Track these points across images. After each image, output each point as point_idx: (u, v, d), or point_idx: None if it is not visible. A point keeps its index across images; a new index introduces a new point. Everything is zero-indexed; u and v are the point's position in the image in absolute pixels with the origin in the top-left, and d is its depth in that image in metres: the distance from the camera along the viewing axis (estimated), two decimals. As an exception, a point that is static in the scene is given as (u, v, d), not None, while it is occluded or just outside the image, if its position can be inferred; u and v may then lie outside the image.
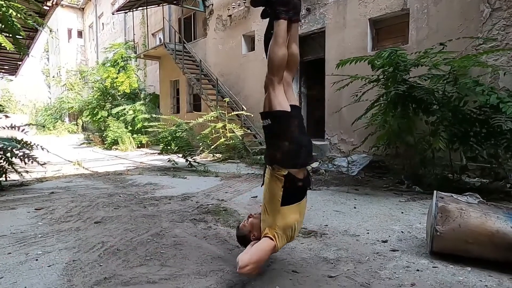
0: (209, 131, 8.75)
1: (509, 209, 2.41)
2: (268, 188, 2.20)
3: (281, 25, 2.14)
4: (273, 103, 2.15)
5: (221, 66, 11.19)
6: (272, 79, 2.15)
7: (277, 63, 2.13)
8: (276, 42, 2.12)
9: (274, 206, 2.15)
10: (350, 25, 7.31)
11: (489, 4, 5.29)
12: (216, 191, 5.16)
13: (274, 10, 2.16)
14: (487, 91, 4.00)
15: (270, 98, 2.17)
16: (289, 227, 2.16)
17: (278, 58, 2.12)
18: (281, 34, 2.12)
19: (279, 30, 2.13)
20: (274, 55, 2.12)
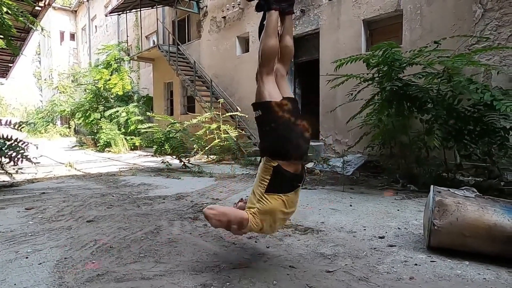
0: (203, 132, 8.70)
1: (506, 202, 2.41)
2: (259, 174, 2.18)
3: (272, 16, 2.14)
4: (263, 94, 2.13)
5: (215, 68, 11.17)
6: (262, 70, 2.14)
7: (266, 53, 2.12)
8: (267, 32, 2.11)
9: (260, 191, 2.12)
10: (344, 26, 7.35)
11: (481, 4, 5.36)
12: (210, 191, 5.11)
13: (265, 1, 2.15)
14: (481, 89, 4.02)
15: (259, 88, 2.15)
16: (268, 214, 2.10)
17: (268, 48, 2.11)
18: (272, 25, 2.11)
19: (270, 21, 2.12)
20: (264, 45, 2.11)
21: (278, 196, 2.10)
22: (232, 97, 10.22)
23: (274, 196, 2.09)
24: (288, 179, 2.11)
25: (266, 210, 2.09)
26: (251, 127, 9.75)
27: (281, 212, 2.13)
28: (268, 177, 2.09)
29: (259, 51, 2.16)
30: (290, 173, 2.11)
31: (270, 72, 2.16)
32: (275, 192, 2.09)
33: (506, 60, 5.11)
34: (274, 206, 2.10)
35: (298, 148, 2.11)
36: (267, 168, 2.11)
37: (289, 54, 2.33)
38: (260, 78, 2.15)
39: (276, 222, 2.16)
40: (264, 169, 2.13)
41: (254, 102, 2.18)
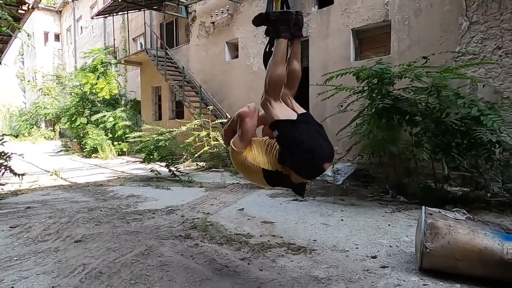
0: (192, 139, 8.62)
1: (495, 225, 2.45)
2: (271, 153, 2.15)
3: (281, 44, 2.11)
4: (275, 115, 2.08)
5: (204, 73, 11.10)
6: (269, 99, 2.10)
7: (274, 81, 2.09)
8: (275, 61, 2.08)
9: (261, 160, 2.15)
10: (333, 35, 7.39)
11: (467, 17, 5.46)
12: (201, 204, 5.06)
13: (275, 29, 2.12)
14: (468, 104, 4.09)
15: (270, 112, 2.11)
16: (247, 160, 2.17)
17: (275, 77, 2.08)
18: (280, 53, 2.09)
19: (278, 49, 2.09)
20: (271, 74, 2.08)
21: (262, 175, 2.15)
22: (221, 103, 10.17)
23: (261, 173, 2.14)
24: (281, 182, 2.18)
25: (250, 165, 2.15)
26: (241, 134, 9.71)
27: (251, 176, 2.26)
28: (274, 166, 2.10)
29: (265, 79, 2.12)
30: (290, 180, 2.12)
31: (277, 99, 2.13)
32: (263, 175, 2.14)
33: (491, 72, 5.22)
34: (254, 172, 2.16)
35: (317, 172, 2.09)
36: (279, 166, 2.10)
37: (297, 78, 2.30)
38: (268, 105, 2.11)
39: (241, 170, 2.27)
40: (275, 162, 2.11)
41: (270, 123, 2.14)
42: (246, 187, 6.26)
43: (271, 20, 2.16)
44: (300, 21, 2.26)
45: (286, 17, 2.14)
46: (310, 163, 2.00)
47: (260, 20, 2.24)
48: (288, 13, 2.17)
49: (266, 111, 2.15)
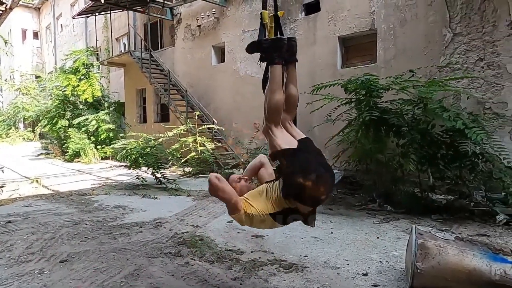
0: (179, 145, 8.52)
1: (483, 245, 2.51)
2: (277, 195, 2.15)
3: (276, 70, 2.12)
4: (277, 144, 2.11)
5: (190, 77, 10.97)
6: (270, 126, 2.14)
7: (273, 108, 2.11)
8: (271, 88, 2.09)
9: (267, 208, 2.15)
10: (320, 42, 7.43)
11: (451, 29, 5.58)
12: (189, 215, 4.99)
13: (268, 56, 2.12)
14: (453, 117, 4.19)
15: (272, 141, 2.15)
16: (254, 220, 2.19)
17: (274, 104, 2.10)
18: (276, 80, 2.10)
19: (274, 76, 2.09)
20: (269, 101, 2.10)
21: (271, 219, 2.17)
22: (207, 107, 10.08)
23: (270, 217, 2.16)
24: (292, 217, 2.19)
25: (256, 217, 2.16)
26: (228, 139, 9.67)
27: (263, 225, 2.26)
28: (279, 206, 2.13)
29: (264, 105, 2.13)
30: (299, 212, 2.15)
31: (277, 125, 2.16)
32: (273, 219, 2.16)
33: (474, 83, 5.36)
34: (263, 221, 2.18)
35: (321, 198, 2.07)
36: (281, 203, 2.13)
37: (294, 103, 2.32)
38: (270, 132, 2.14)
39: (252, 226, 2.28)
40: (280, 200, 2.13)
41: (271, 153, 2.16)
42: (234, 196, 6.21)
43: (264, 48, 2.17)
44: (293, 47, 2.27)
45: (278, 44, 2.15)
46: (313, 190, 2.01)
47: (252, 47, 2.25)
48: (280, 40, 2.18)
49: (268, 138, 2.16)
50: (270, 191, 2.19)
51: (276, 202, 2.13)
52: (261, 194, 2.20)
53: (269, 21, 2.44)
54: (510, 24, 4.99)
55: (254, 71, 8.97)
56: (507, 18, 5.02)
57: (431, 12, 5.80)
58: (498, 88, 5.13)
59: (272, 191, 2.18)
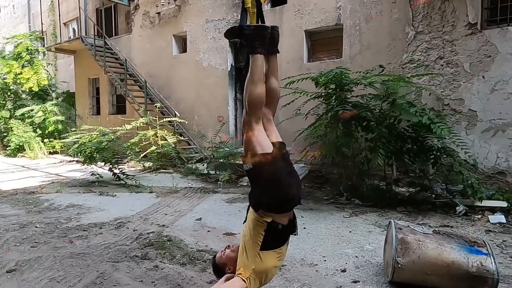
0: (138, 139, 8.04)
1: (459, 237, 2.57)
2: (250, 228, 2.03)
3: (258, 61, 1.95)
4: (253, 145, 1.96)
5: (149, 67, 10.40)
6: (250, 120, 1.97)
7: (253, 102, 1.94)
8: (252, 79, 1.92)
9: (253, 249, 2.00)
10: (286, 35, 7.34)
11: (413, 27, 5.76)
12: (154, 213, 4.69)
13: (250, 44, 1.94)
14: (419, 112, 4.31)
15: (249, 139, 1.98)
16: (264, 272, 2.03)
17: (255, 98, 1.93)
18: (257, 71, 1.92)
19: (255, 66, 1.92)
20: (250, 94, 1.92)
21: (273, 252, 2.01)
22: (168, 99, 9.62)
23: (269, 253, 2.00)
24: (283, 232, 2.05)
25: (264, 270, 2.00)
26: (191, 133, 9.33)
27: (275, 268, 2.09)
28: (262, 233, 1.97)
29: (244, 98, 1.96)
30: (284, 225, 2.03)
31: (258, 121, 2.00)
32: (270, 248, 2.00)
33: (434, 80, 5.59)
34: (271, 264, 2.02)
35: (294, 198, 2.01)
36: (259, 223, 1.98)
37: (276, 96, 2.17)
38: (248, 128, 1.98)
39: (270, 276, 2.10)
40: (256, 225, 1.99)
41: (245, 153, 2.00)
42: (200, 192, 5.99)
43: (246, 35, 1.99)
44: (276, 37, 2.12)
45: (261, 32, 1.99)
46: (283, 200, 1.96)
47: (232, 33, 2.06)
48: (264, 28, 2.02)
49: (245, 132, 2.00)
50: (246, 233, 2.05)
51: (256, 229, 1.98)
52: (243, 248, 2.04)
53: (251, 6, 2.26)
54: (468, 25, 5.25)
55: (218, 62, 8.71)
56: (465, 19, 5.27)
57: (395, 9, 5.95)
58: (456, 85, 5.39)
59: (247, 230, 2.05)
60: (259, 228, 1.99)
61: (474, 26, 5.20)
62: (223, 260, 2.32)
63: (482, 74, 5.15)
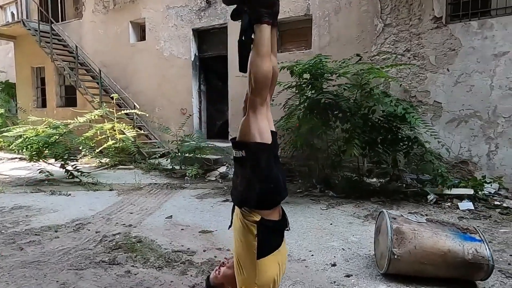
0: (93, 132, 7.37)
1: (451, 225, 2.53)
2: (240, 237, 1.76)
3: (264, 31, 1.67)
4: (252, 132, 1.70)
5: (103, 55, 9.61)
6: (255, 100, 1.69)
7: (261, 80, 1.66)
8: (259, 53, 1.64)
9: (249, 260, 1.73)
10: (253, 24, 7.11)
11: (381, 19, 5.82)
12: (117, 212, 4.25)
13: (255, 12, 1.66)
14: (394, 102, 4.32)
15: (249, 123, 1.71)
16: (270, 283, 1.76)
17: (263, 74, 1.66)
18: (265, 43, 1.65)
19: (262, 38, 1.65)
20: (258, 70, 1.65)
21: (273, 256, 1.75)
22: (125, 89, 8.95)
23: (269, 258, 1.73)
24: (276, 229, 1.81)
25: (268, 280, 1.73)
26: (151, 126, 8.78)
27: (280, 271, 1.80)
28: (254, 238, 1.70)
29: (250, 76, 1.68)
30: (275, 221, 1.79)
31: (263, 103, 1.73)
32: (267, 253, 1.73)
33: (401, 73, 5.69)
34: (274, 270, 1.75)
35: (283, 190, 1.82)
36: (248, 226, 1.71)
37: (275, 76, 1.91)
38: (251, 110, 1.70)
39: (277, 283, 1.81)
40: (244, 230, 1.73)
41: (237, 139, 1.73)
42: (166, 188, 5.59)
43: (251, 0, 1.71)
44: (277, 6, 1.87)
45: None
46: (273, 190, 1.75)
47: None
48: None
49: (246, 115, 1.73)
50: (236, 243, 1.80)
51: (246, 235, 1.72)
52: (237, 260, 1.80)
53: None
54: (434, 19, 5.39)
55: (181, 52, 8.25)
56: (431, 13, 5.41)
57: (364, 1, 5.96)
58: (422, 77, 5.53)
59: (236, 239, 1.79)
60: (249, 233, 1.72)
61: (439, 20, 5.35)
62: (219, 280, 2.04)
63: (447, 67, 5.32)
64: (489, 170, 5.08)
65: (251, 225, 1.69)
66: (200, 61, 8.30)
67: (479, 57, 5.09)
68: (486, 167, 5.12)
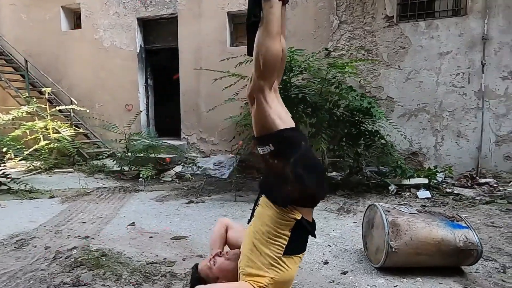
0: (22, 131, 6.39)
1: (439, 214, 2.59)
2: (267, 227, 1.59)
3: (275, 8, 1.48)
4: (271, 119, 1.51)
5: (29, 44, 8.38)
6: (263, 86, 1.51)
7: (270, 62, 1.49)
8: (269, 32, 1.46)
9: (273, 253, 1.57)
10: (206, 16, 6.78)
11: (337, 16, 5.93)
12: (66, 223, 3.68)
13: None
14: (359, 97, 4.40)
15: (264, 111, 1.51)
16: (287, 282, 1.64)
17: (273, 55, 1.48)
18: (276, 21, 1.47)
19: (272, 15, 1.46)
20: (267, 51, 1.46)
21: (297, 258, 1.62)
22: (58, 83, 7.92)
23: (294, 258, 1.60)
24: (309, 232, 1.66)
25: (286, 280, 1.59)
26: (90, 124, 7.92)
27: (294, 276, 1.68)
28: (287, 234, 1.56)
29: (258, 58, 1.47)
30: (310, 223, 1.65)
31: (271, 88, 1.54)
32: (295, 253, 1.60)
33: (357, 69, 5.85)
34: (293, 272, 1.62)
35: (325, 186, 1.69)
36: (285, 221, 1.55)
37: (284, 59, 1.72)
38: (261, 97, 1.51)
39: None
40: (278, 223, 1.56)
41: (259, 135, 1.51)
42: (119, 191, 5.05)
43: None
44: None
45: None
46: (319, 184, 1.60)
47: None
48: None
49: (256, 103, 1.53)
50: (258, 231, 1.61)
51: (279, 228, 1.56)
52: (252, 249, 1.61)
53: None
54: (386, 18, 5.64)
55: (124, 42, 7.56)
56: (383, 12, 5.65)
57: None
58: (376, 74, 5.77)
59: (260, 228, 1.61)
60: (283, 227, 1.57)
61: (391, 19, 5.62)
62: (214, 272, 1.81)
63: (398, 64, 5.62)
64: (436, 160, 5.49)
65: (288, 221, 1.55)
66: (147, 54, 7.70)
67: (426, 55, 5.46)
68: (433, 158, 5.52)
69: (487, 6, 5.08)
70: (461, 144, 5.36)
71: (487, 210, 3.98)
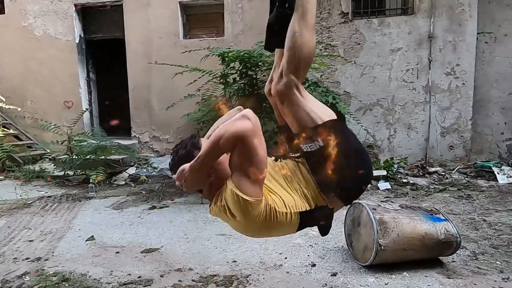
0: None
1: (418, 209, 2.67)
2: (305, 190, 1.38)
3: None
4: (313, 113, 1.37)
5: None
6: (296, 81, 1.37)
7: (309, 56, 1.40)
8: (307, 24, 1.33)
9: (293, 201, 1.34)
10: (155, 5, 6.31)
11: (294, 10, 5.89)
12: (8, 243, 3.16)
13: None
14: (325, 92, 4.42)
15: (303, 107, 1.38)
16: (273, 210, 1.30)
17: (311, 48, 1.37)
18: (314, 12, 1.34)
19: (311, 4, 1.32)
20: (306, 45, 1.32)
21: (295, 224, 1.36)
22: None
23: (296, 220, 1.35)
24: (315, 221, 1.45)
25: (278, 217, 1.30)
26: (22, 124, 6.98)
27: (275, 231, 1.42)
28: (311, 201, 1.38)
29: (293, 51, 1.31)
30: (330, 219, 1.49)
31: (302, 84, 1.41)
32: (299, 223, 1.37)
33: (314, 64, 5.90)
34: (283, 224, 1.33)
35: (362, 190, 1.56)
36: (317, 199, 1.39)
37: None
38: (296, 92, 1.37)
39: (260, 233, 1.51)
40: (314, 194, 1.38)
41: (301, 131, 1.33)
42: (66, 200, 4.50)
43: None
44: None
45: None
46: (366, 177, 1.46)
47: None
48: None
49: (293, 101, 1.38)
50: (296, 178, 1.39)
51: (311, 197, 1.37)
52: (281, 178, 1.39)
53: None
54: (341, 14, 5.74)
55: (60, 31, 6.76)
56: (338, 8, 5.74)
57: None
58: (333, 69, 5.86)
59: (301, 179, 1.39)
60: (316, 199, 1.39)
61: (346, 15, 5.73)
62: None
63: (354, 59, 5.76)
64: (390, 152, 5.77)
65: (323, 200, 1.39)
66: (88, 44, 6.97)
67: (379, 51, 5.67)
68: (387, 150, 5.80)
69: (433, 6, 5.41)
70: (411, 136, 5.70)
71: (442, 198, 4.27)
